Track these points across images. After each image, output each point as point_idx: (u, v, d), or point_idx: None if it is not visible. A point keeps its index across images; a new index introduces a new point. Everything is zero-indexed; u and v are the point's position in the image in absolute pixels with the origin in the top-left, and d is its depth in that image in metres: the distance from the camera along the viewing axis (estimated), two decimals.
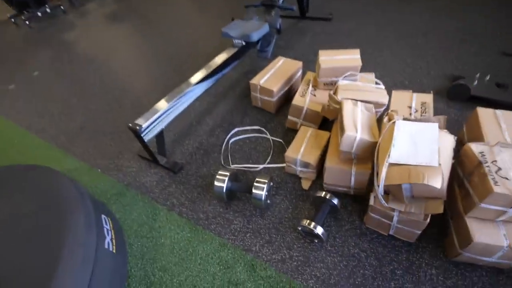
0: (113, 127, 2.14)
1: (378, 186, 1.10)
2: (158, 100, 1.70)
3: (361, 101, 1.40)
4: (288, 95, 2.07)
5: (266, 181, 1.40)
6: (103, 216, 1.42)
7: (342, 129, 1.28)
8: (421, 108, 1.46)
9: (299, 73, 2.10)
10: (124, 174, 1.79)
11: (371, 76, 1.69)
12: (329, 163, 1.37)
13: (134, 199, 1.65)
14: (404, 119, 1.23)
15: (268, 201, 1.45)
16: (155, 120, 1.63)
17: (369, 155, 1.29)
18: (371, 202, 1.20)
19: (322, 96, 1.73)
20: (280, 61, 2.09)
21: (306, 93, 1.78)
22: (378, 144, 1.21)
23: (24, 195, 1.36)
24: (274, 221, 1.44)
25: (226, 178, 1.45)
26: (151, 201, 1.62)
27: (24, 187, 1.40)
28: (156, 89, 2.44)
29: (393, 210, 1.15)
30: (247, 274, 1.27)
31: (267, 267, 1.28)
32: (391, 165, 1.09)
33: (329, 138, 1.54)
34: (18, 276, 1.09)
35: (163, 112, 1.67)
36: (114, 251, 1.34)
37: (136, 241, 1.47)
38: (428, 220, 1.10)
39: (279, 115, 2.01)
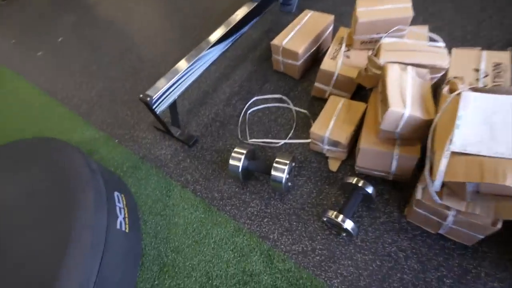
0: (130, 95, 1.92)
1: (433, 181, 0.78)
2: (174, 64, 1.42)
3: (412, 64, 1.01)
4: (316, 56, 1.67)
5: (288, 161, 1.12)
6: (116, 193, 1.27)
7: (385, 103, 0.94)
8: (493, 71, 1.03)
9: (330, 30, 1.66)
10: (139, 146, 1.61)
11: (424, 30, 1.24)
12: (364, 143, 1.04)
13: (148, 172, 1.47)
14: (472, 88, 0.86)
15: (289, 184, 1.19)
16: (168, 89, 1.37)
17: (418, 135, 0.95)
18: (418, 195, 0.89)
19: (358, 58, 1.33)
20: (307, 16, 1.65)
21: (338, 54, 1.39)
22: (434, 124, 0.86)
23: (35, 171, 1.24)
24: (295, 207, 1.19)
25: (242, 157, 1.20)
26: (165, 176, 1.43)
27: (36, 162, 1.27)
28: (173, 52, 2.13)
29: (449, 208, 0.84)
30: (263, 265, 1.07)
31: (285, 258, 1.07)
32: (454, 154, 0.76)
33: (365, 111, 1.19)
34: (27, 262, 0.99)
35: (176, 81, 1.39)
36: (126, 230, 1.21)
37: (150, 218, 1.32)
38: (499, 226, 0.79)
39: (304, 81, 1.63)
